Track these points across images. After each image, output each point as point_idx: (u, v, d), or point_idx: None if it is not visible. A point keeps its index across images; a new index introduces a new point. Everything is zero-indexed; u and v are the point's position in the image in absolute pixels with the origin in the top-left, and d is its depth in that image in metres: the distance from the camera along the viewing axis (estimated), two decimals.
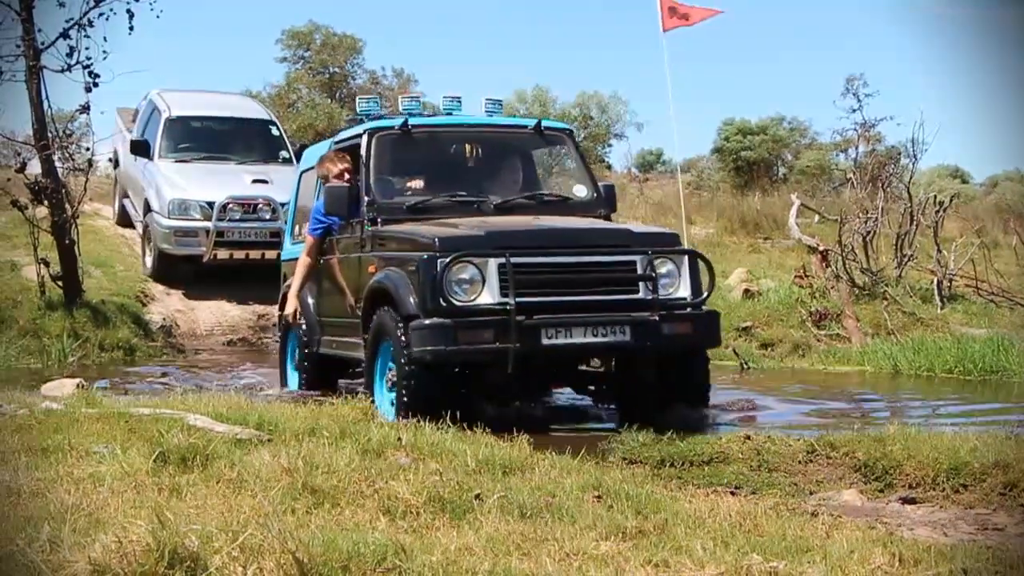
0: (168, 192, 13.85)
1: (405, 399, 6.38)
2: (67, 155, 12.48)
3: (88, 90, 11.61)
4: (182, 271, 14.11)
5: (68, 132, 12.74)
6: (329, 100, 28.41)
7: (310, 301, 8.23)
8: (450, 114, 8.10)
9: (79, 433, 4.62)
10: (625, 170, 28.66)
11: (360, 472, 4.02)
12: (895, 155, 17.02)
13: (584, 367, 7.33)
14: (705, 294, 6.90)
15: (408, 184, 7.59)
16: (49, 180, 11.74)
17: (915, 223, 14.49)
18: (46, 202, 11.81)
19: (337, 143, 8.16)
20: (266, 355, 12.17)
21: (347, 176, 7.57)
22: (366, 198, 7.30)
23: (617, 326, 6.51)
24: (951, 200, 16.12)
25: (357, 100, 8.01)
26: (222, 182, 13.94)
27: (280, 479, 3.85)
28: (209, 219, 13.54)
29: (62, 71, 11.55)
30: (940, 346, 10.51)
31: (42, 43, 11.55)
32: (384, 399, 6.85)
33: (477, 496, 3.85)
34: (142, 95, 16.42)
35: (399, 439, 4.75)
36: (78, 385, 6.94)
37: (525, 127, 8.15)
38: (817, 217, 17.45)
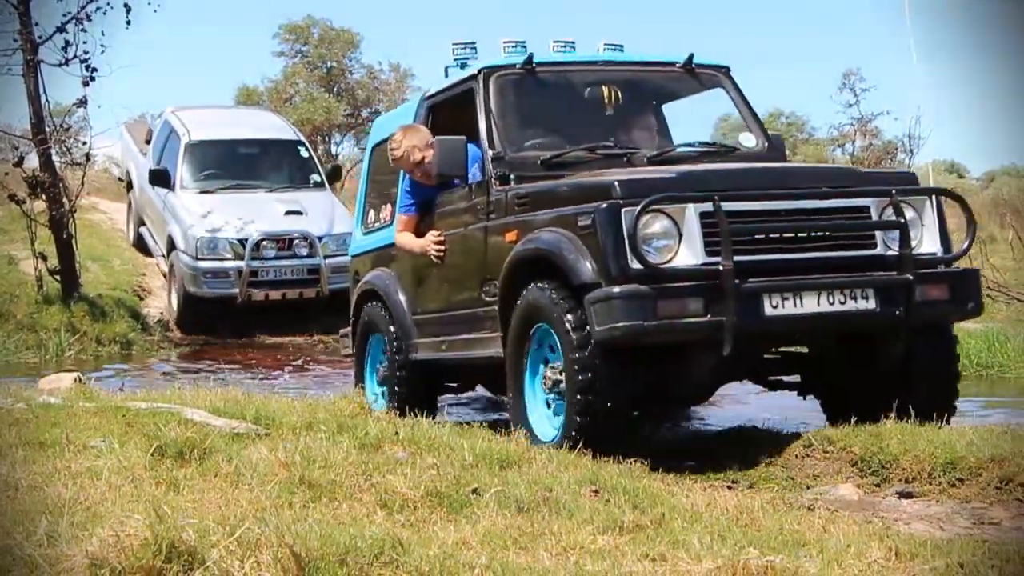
0: (195, 229, 12.74)
1: (590, 407, 4.95)
2: (65, 149, 12.50)
3: (85, 84, 11.67)
4: (212, 314, 12.79)
5: (66, 126, 12.74)
6: (327, 94, 28.35)
7: (402, 299, 6.70)
8: None
9: (76, 427, 4.62)
10: None
11: (357, 466, 4.02)
12: (892, 150, 17.01)
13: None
14: (964, 246, 5.48)
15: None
16: (47, 174, 11.76)
17: None
18: (44, 196, 11.84)
19: (430, 98, 6.70)
20: (268, 351, 12.09)
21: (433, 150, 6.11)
22: (490, 152, 5.91)
23: (858, 289, 5.09)
24: None
25: (452, 47, 6.64)
26: (253, 216, 12.88)
27: (277, 473, 3.85)
28: (241, 258, 12.51)
29: (59, 65, 11.59)
30: None
31: (39, 37, 11.58)
32: (541, 413, 5.43)
33: (474, 490, 3.86)
34: (147, 109, 15.92)
35: (396, 433, 4.76)
36: (76, 379, 6.93)
37: (673, 65, 6.60)
38: None
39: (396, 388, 6.66)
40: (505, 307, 5.58)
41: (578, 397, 5.00)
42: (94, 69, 11.60)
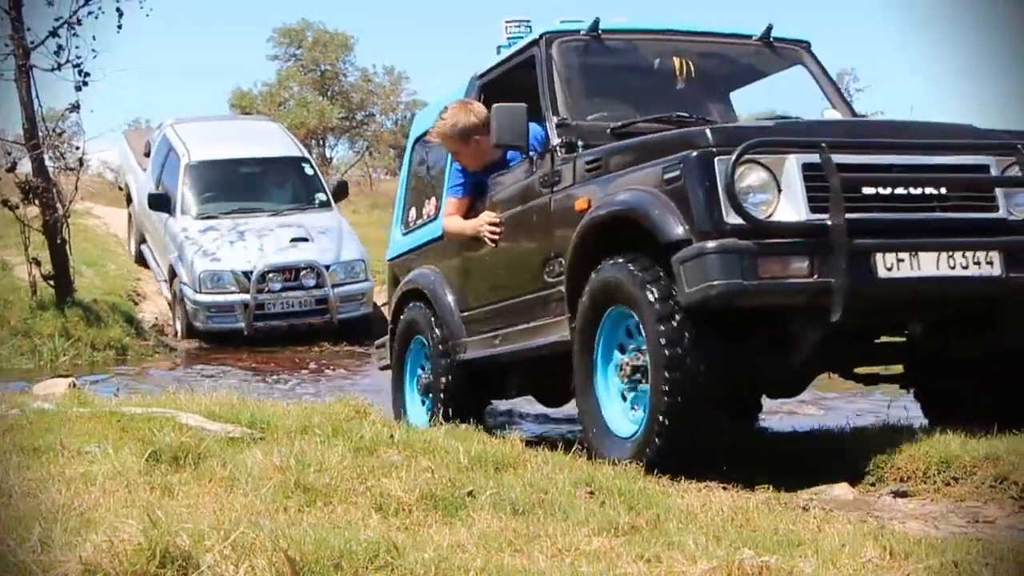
0: (197, 263, 12.40)
1: (680, 393, 4.41)
2: (58, 154, 12.50)
3: (78, 89, 11.68)
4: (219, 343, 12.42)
5: (59, 131, 12.75)
6: (320, 98, 28.38)
7: (449, 296, 6.21)
8: None
9: (71, 433, 4.61)
10: None
11: (352, 470, 4.01)
12: None
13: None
14: None
15: None
16: (40, 179, 11.76)
17: None
18: (37, 201, 11.83)
19: (482, 76, 6.24)
20: (265, 355, 12.02)
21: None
22: (554, 119, 5.47)
23: (982, 252, 4.52)
24: None
25: (505, 26, 6.23)
26: (257, 245, 12.54)
27: (272, 477, 3.85)
28: (246, 290, 12.16)
29: (52, 70, 11.59)
30: None
31: (31, 42, 11.57)
32: (616, 407, 4.91)
33: (469, 493, 3.85)
34: (142, 113, 15.90)
35: (391, 437, 4.75)
36: (70, 384, 6.93)
37: (749, 38, 6.16)
38: None
39: (440, 397, 6.14)
40: (573, 286, 5.04)
41: (665, 386, 4.47)
42: (87, 74, 11.61)
